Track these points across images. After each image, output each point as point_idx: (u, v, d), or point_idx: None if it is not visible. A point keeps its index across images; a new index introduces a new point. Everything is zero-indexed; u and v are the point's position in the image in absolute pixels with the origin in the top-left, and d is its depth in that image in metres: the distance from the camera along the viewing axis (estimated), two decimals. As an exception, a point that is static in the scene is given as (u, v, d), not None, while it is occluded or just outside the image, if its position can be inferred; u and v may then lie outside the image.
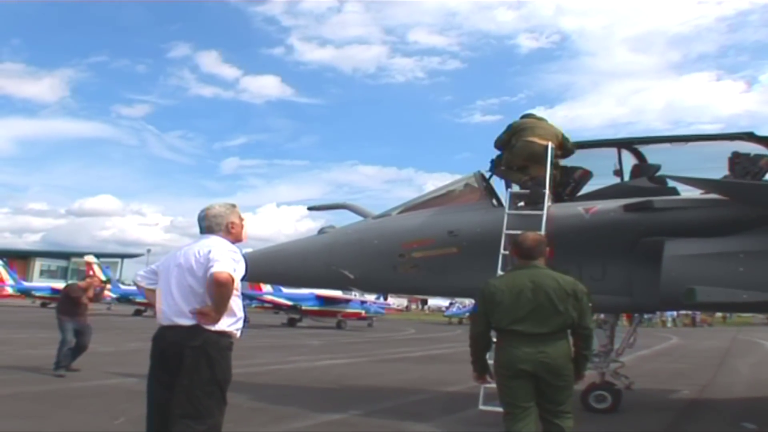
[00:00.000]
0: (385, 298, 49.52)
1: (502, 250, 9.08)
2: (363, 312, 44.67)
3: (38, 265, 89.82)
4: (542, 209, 9.22)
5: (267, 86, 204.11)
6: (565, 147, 10.06)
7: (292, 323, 41.65)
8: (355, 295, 41.36)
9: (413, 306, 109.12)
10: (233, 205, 5.13)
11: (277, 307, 42.51)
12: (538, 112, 10.54)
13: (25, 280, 70.03)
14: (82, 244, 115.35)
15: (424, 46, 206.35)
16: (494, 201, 10.27)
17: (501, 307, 5.49)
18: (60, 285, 33.17)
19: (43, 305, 51.48)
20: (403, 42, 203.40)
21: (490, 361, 5.84)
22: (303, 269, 10.80)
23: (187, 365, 4.49)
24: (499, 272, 8.96)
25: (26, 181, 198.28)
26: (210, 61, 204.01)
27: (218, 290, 4.48)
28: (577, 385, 5.75)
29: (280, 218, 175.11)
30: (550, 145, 9.69)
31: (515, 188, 9.96)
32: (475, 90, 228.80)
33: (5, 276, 62.45)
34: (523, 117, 10.34)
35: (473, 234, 9.79)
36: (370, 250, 10.37)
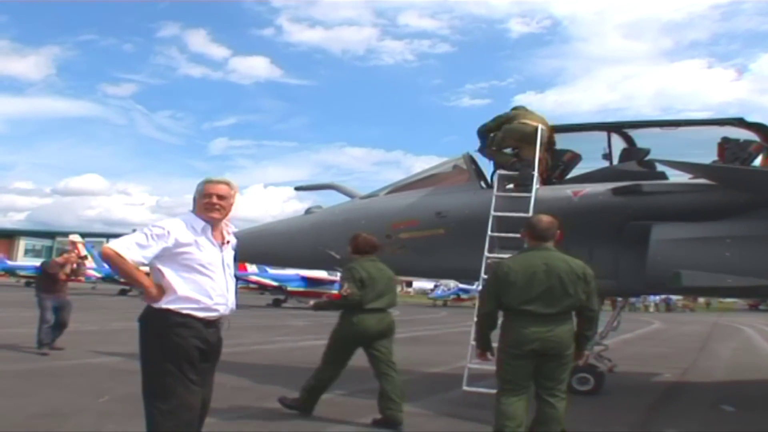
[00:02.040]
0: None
1: (489, 232, 9.08)
2: (348, 293, 44.58)
3: (23, 244, 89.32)
4: (531, 191, 9.21)
5: (256, 67, 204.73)
6: (550, 138, 10.07)
7: (277, 304, 41.68)
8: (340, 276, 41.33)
9: (398, 288, 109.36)
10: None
11: (262, 288, 42.51)
12: (529, 96, 10.79)
13: (10, 259, 69.73)
14: (67, 224, 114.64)
15: (415, 29, 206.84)
16: (482, 183, 10.23)
17: (514, 288, 5.61)
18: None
19: (28, 284, 51.02)
20: (393, 25, 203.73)
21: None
22: (289, 249, 10.77)
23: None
24: (486, 254, 8.99)
25: (12, 160, 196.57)
26: (199, 40, 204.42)
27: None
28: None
29: (267, 199, 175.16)
30: (540, 126, 9.67)
31: (502, 170, 9.94)
32: (465, 74, 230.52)
33: (-11, 255, 62.16)
34: (513, 109, 10.30)
35: (461, 215, 9.77)
36: (357, 230, 10.29)
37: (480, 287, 9.73)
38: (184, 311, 4.37)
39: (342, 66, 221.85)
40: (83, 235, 60.72)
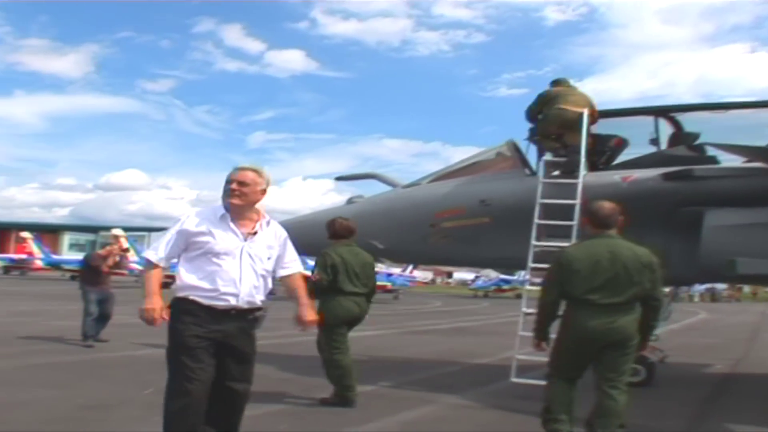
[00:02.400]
0: (414, 270, 49.41)
1: (536, 220, 8.87)
2: (389, 284, 44.65)
3: (67, 238, 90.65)
4: (578, 178, 8.98)
5: (292, 60, 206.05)
6: (594, 115, 9.77)
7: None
8: (381, 268, 41.38)
9: (438, 279, 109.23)
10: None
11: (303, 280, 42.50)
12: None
13: (55, 253, 70.89)
14: (109, 218, 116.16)
15: (450, 19, 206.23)
16: (527, 170, 10.00)
17: (577, 276, 5.46)
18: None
19: (73, 278, 51.78)
20: (428, 15, 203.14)
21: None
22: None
23: None
24: (533, 242, 8.79)
25: (55, 157, 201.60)
26: (234, 35, 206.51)
27: None
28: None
29: (305, 192, 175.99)
30: (585, 111, 9.41)
31: (548, 156, 9.70)
32: (501, 63, 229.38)
33: (36, 250, 63.35)
34: (553, 83, 10.02)
35: (506, 203, 9.56)
36: (400, 219, 10.18)
37: (526, 276, 9.58)
38: (190, 298, 4.39)
39: (377, 58, 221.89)
40: (125, 229, 61.53)
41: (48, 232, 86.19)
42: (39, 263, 63.54)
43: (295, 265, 4.88)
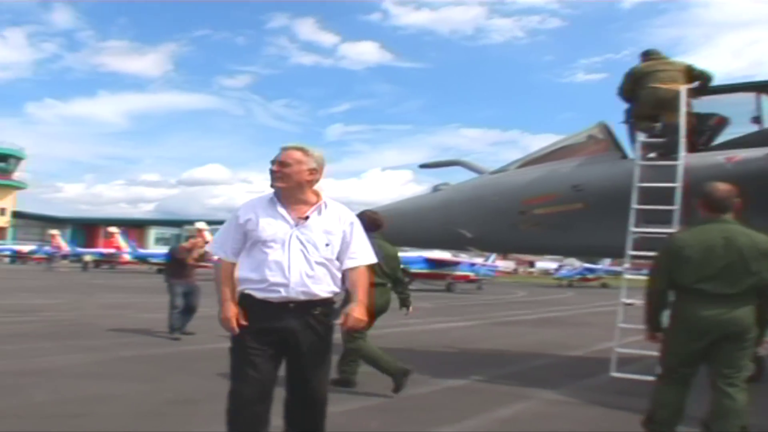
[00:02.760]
0: (503, 258, 48.92)
1: (634, 205, 8.39)
2: (472, 274, 44.27)
3: (153, 233, 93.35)
4: (677, 159, 8.47)
5: (366, 52, 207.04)
6: (698, 78, 9.15)
7: (400, 286, 41.45)
8: (463, 257, 41.05)
9: (520, 268, 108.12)
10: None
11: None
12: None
13: (142, 247, 72.91)
14: (193, 213, 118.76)
15: (523, 6, 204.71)
16: (620, 153, 9.51)
17: (688, 264, 5.02)
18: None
19: (159, 271, 53.01)
20: (500, 2, 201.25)
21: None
22: (418, 228, 10.37)
23: None
24: (632, 229, 8.34)
25: (139, 154, 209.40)
26: (308, 29, 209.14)
27: None
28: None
29: (384, 183, 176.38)
30: (682, 89, 8.86)
31: (641, 137, 9.18)
32: (577, 49, 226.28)
33: (123, 244, 65.22)
34: (643, 55, 9.46)
35: (600, 188, 9.08)
36: (489, 207, 9.82)
37: (625, 265, 9.10)
38: (245, 292, 4.12)
39: (451, 47, 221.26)
40: (209, 222, 62.44)
41: (135, 227, 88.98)
42: (126, 257, 65.45)
43: (362, 257, 4.28)
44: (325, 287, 4.10)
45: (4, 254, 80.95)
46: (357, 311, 4.14)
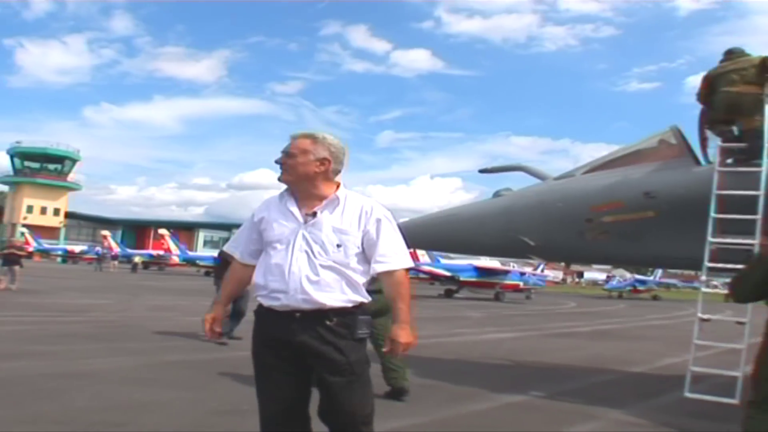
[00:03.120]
0: (552, 267, 48.14)
1: (712, 213, 7.84)
2: (522, 284, 43.61)
3: (202, 236, 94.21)
4: (761, 166, 7.90)
5: (418, 60, 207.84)
6: None
7: (449, 294, 41.15)
8: (513, 266, 40.50)
9: (568, 279, 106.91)
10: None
11: (434, 278, 42.09)
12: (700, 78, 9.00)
13: (191, 250, 73.56)
14: (242, 217, 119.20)
15: (577, 14, 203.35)
16: (695, 158, 8.95)
17: None
18: (222, 253, 34.37)
19: (207, 274, 53.29)
20: (554, 10, 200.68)
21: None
22: (478, 235, 9.87)
23: None
24: (710, 239, 7.79)
25: (191, 158, 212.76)
26: (360, 36, 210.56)
27: None
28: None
29: (433, 190, 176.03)
30: (764, 91, 8.28)
31: (718, 141, 8.61)
32: (631, 57, 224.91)
33: (173, 247, 65.78)
34: (724, 55, 8.89)
35: (675, 195, 8.52)
36: (554, 214, 9.31)
37: (702, 277, 8.53)
38: (257, 299, 3.62)
39: (503, 55, 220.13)
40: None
41: (184, 230, 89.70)
42: (175, 259, 65.97)
43: (394, 260, 3.60)
44: (336, 296, 3.47)
45: (56, 254, 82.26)
46: (401, 334, 3.58)
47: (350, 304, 3.50)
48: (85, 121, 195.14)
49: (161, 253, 67.83)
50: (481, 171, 11.89)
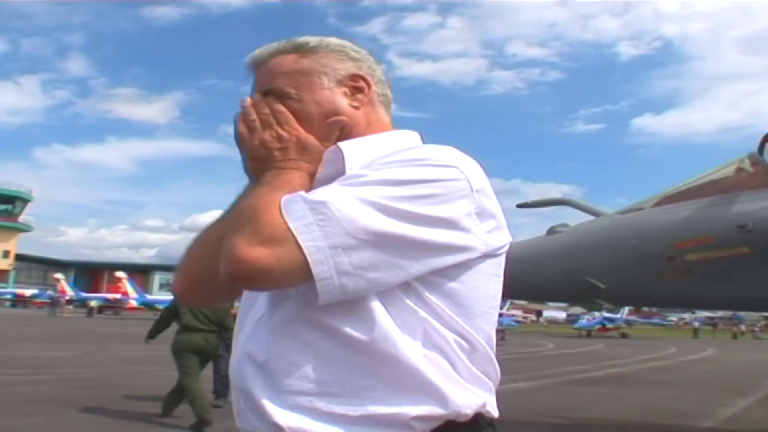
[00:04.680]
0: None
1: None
2: (497, 325, 42.54)
3: (158, 278, 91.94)
4: None
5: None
6: None
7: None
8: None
9: (529, 318, 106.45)
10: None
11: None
12: (646, 119, 8.70)
13: (146, 293, 71.55)
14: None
15: (524, 58, 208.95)
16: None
17: None
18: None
19: (166, 318, 51.17)
20: (502, 55, 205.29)
21: None
22: (537, 278, 8.59)
23: None
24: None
25: (143, 199, 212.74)
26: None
27: None
28: None
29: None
30: None
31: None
32: (577, 99, 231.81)
33: (131, 290, 63.83)
34: None
35: None
36: (627, 252, 8.10)
37: None
38: None
39: (453, 97, 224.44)
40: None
41: (139, 272, 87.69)
42: (133, 303, 64.04)
43: None
44: None
45: (4, 298, 79.22)
46: None
47: None
48: (35, 162, 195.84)
49: (118, 296, 65.53)
50: (520, 206, 10.61)
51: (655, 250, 7.94)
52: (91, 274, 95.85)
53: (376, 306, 1.30)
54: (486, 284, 1.43)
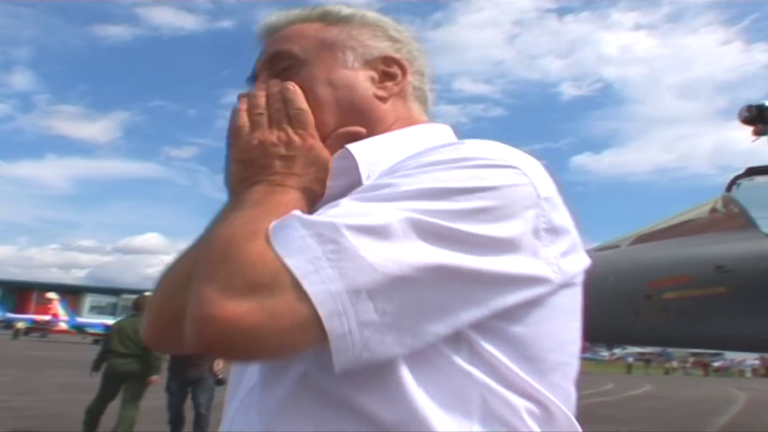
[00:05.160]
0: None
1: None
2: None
3: (89, 300, 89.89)
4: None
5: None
6: None
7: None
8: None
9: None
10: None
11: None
12: (585, 157, 8.74)
13: (76, 315, 69.80)
14: (128, 281, 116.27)
15: (469, 94, 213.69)
16: (757, 227, 7.99)
17: None
18: (111, 321, 31.83)
19: (96, 342, 49.54)
20: (447, 90, 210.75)
21: None
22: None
23: None
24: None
25: (78, 219, 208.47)
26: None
27: None
28: None
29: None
30: None
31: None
32: (518, 136, 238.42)
33: (62, 312, 62.09)
34: None
35: (752, 269, 7.47)
36: (604, 290, 8.08)
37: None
38: None
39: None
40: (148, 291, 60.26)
41: (69, 293, 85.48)
42: (63, 326, 62.24)
43: None
44: None
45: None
46: None
47: None
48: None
49: (47, 318, 63.52)
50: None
51: (632, 289, 7.95)
52: (18, 293, 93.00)
53: (413, 372, 0.91)
54: (563, 325, 1.02)
